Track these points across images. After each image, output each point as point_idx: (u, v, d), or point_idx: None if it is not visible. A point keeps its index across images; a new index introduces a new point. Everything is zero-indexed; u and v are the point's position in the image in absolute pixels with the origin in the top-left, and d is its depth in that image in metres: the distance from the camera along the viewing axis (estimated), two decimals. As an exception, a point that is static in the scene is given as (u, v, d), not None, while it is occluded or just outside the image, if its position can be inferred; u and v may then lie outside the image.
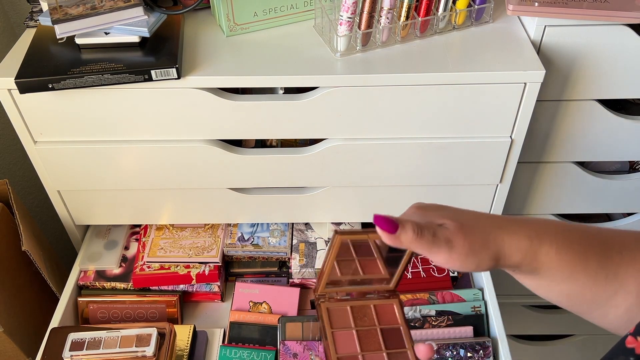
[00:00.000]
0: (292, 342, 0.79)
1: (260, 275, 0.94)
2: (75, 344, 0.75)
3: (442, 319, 0.82)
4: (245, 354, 0.79)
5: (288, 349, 0.79)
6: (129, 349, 0.74)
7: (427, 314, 0.83)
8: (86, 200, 0.86)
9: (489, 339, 0.80)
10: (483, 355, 0.78)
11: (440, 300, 0.85)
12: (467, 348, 0.78)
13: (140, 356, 0.74)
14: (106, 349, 0.74)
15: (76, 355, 0.74)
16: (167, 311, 0.88)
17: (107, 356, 0.74)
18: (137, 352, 0.74)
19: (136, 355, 0.74)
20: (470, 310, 0.84)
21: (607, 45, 0.75)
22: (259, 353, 0.79)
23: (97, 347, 0.74)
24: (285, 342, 0.79)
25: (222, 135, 0.78)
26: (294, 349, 0.79)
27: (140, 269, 0.88)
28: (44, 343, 0.77)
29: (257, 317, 0.85)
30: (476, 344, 0.78)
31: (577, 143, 0.88)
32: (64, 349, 0.74)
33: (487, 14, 0.79)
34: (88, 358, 0.74)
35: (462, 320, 0.82)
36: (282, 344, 0.79)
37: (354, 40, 0.73)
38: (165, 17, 0.75)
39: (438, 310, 0.83)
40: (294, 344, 0.79)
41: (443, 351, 0.77)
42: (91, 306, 0.87)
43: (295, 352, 0.78)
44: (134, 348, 0.74)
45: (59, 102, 0.72)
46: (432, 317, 0.82)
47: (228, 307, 0.91)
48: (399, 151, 0.79)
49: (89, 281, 0.89)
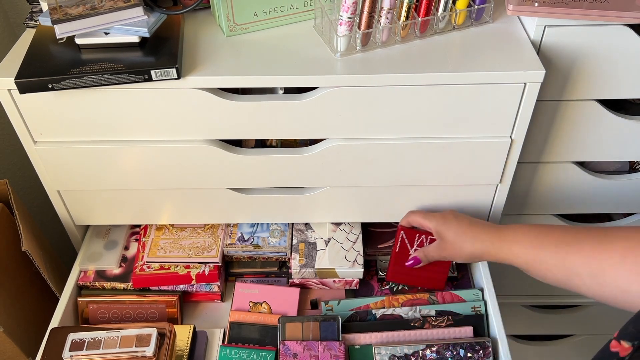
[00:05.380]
0: (292, 342, 0.79)
1: (260, 276, 0.94)
2: (75, 344, 0.75)
3: (442, 319, 0.82)
4: (245, 354, 0.78)
5: (288, 349, 0.79)
6: (129, 349, 0.74)
7: (427, 314, 0.83)
8: (86, 200, 0.86)
9: (488, 339, 0.80)
10: (483, 355, 0.78)
11: (440, 301, 0.85)
12: (467, 348, 0.78)
13: (140, 356, 0.74)
14: (106, 349, 0.74)
15: (76, 356, 0.74)
16: (167, 311, 0.87)
17: (107, 356, 0.74)
18: (137, 352, 0.74)
19: (136, 355, 0.74)
20: (470, 311, 0.84)
21: (607, 45, 0.75)
22: (259, 353, 0.79)
23: (97, 347, 0.75)
24: (285, 342, 0.79)
25: (222, 135, 0.78)
26: (294, 349, 0.79)
27: (140, 269, 0.88)
28: (44, 343, 0.77)
29: (257, 317, 0.85)
30: (476, 343, 0.78)
31: (577, 143, 0.88)
32: (64, 349, 0.74)
33: (487, 14, 0.79)
34: (88, 358, 0.74)
35: (462, 321, 0.82)
36: (282, 344, 0.79)
37: (354, 40, 0.73)
38: (165, 17, 0.75)
39: (438, 310, 0.84)
40: (294, 344, 0.79)
41: (443, 351, 0.78)
42: (91, 306, 0.86)
43: (295, 352, 0.78)
44: (134, 348, 0.74)
45: (59, 102, 0.72)
46: (432, 317, 0.82)
47: (228, 307, 0.91)
48: (399, 151, 0.79)
49: (89, 281, 0.88)
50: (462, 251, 0.80)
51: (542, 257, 0.71)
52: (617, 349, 0.49)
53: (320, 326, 0.81)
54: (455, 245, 0.81)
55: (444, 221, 0.83)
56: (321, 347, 0.78)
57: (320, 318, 0.82)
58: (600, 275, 0.64)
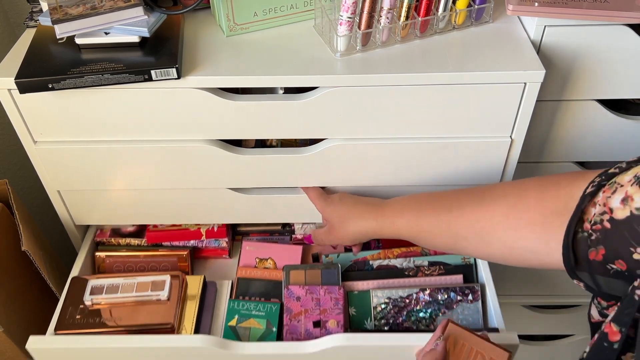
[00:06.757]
0: (295, 286, 0.85)
1: (264, 234, 1.00)
2: (95, 289, 0.82)
3: (434, 268, 0.87)
4: (252, 306, 0.85)
5: (292, 292, 0.84)
6: (145, 293, 0.82)
7: (420, 264, 0.89)
8: (86, 201, 0.86)
9: (477, 284, 0.85)
10: (472, 299, 0.83)
11: (432, 253, 0.91)
12: (457, 292, 0.83)
13: (155, 300, 0.82)
14: (124, 292, 0.82)
15: (96, 299, 0.81)
16: (179, 265, 0.93)
17: (125, 299, 0.82)
18: (152, 296, 0.82)
19: (151, 298, 0.82)
20: (460, 261, 0.89)
21: (607, 45, 0.75)
22: (265, 305, 0.85)
23: (116, 292, 0.82)
24: (289, 287, 0.85)
25: (222, 135, 0.78)
26: (297, 292, 0.84)
27: (154, 225, 0.94)
28: (65, 290, 0.83)
29: (263, 272, 0.91)
30: (466, 288, 0.84)
31: (577, 143, 0.88)
32: (84, 293, 0.81)
33: (487, 14, 0.79)
34: (107, 301, 0.81)
35: (452, 270, 0.88)
36: (286, 289, 0.85)
37: (354, 40, 0.73)
38: (165, 17, 0.75)
39: (430, 261, 0.89)
40: (297, 288, 0.85)
41: (435, 294, 0.83)
42: (107, 260, 0.92)
43: (299, 295, 0.84)
44: (149, 292, 0.82)
45: (59, 102, 0.72)
46: (424, 266, 0.88)
47: (235, 263, 0.96)
48: (399, 151, 0.79)
49: (105, 237, 0.94)
50: (347, 232, 0.80)
51: (425, 227, 0.71)
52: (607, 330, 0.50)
53: (321, 273, 0.87)
54: (340, 227, 0.80)
55: (327, 204, 0.82)
56: (322, 291, 0.83)
57: (321, 266, 0.88)
58: (486, 235, 0.65)
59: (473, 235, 0.67)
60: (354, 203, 0.80)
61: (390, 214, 0.76)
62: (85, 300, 0.81)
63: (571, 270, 0.56)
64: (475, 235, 0.66)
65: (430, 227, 0.71)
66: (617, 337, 0.48)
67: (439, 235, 0.70)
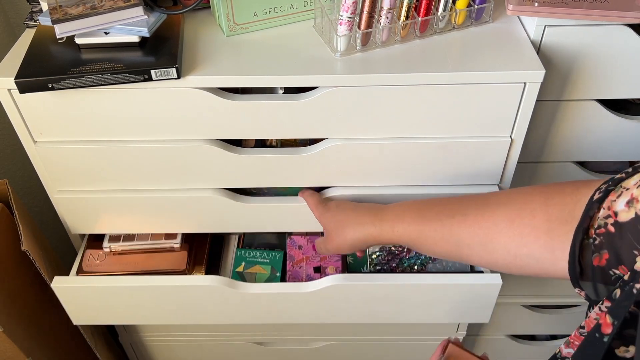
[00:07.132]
0: (297, 236, 0.92)
1: None
2: (113, 237, 0.91)
3: None
4: (257, 254, 0.93)
5: (294, 242, 0.91)
6: (159, 241, 0.90)
7: None
8: (86, 201, 0.86)
9: None
10: None
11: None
12: None
13: (168, 247, 0.90)
14: (139, 240, 0.90)
15: (114, 245, 0.89)
16: None
17: (141, 246, 0.90)
18: (166, 244, 0.90)
19: (164, 246, 0.90)
20: None
21: (607, 45, 0.75)
22: (270, 253, 0.93)
23: (132, 240, 0.90)
24: (292, 236, 0.91)
25: (222, 135, 0.78)
26: (299, 242, 0.92)
27: None
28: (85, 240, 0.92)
29: None
30: None
31: (577, 143, 0.88)
32: (103, 241, 0.90)
33: (487, 14, 0.79)
34: (124, 248, 0.90)
35: None
36: (289, 238, 0.91)
37: (353, 40, 0.73)
38: (165, 17, 0.75)
39: None
40: (299, 237, 0.92)
41: None
42: None
43: (300, 244, 0.91)
44: (163, 240, 0.90)
45: (59, 102, 0.72)
46: None
47: None
48: (399, 151, 0.79)
49: None
50: (345, 239, 0.77)
51: (427, 233, 0.69)
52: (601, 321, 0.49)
53: None
54: (338, 235, 0.77)
55: (325, 210, 0.80)
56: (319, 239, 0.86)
57: None
58: (489, 243, 0.63)
59: (476, 242, 0.65)
60: (352, 209, 0.78)
61: (390, 218, 0.73)
62: (104, 246, 0.89)
63: (575, 279, 0.55)
64: (478, 242, 0.65)
65: (432, 232, 0.69)
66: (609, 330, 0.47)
67: (441, 242, 0.68)
